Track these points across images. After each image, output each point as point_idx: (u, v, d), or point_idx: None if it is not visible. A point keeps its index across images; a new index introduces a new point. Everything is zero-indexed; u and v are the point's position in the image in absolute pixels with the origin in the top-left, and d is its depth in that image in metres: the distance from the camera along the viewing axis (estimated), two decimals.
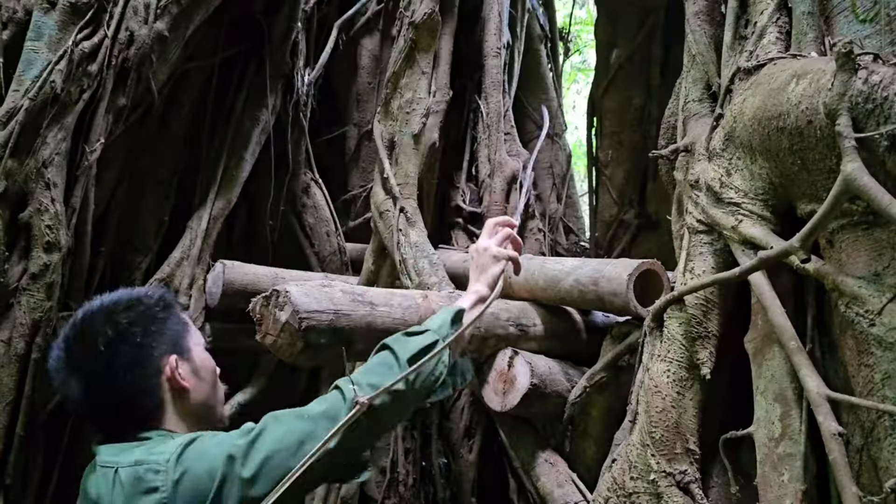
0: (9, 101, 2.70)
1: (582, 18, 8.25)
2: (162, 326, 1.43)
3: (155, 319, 1.42)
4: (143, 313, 1.41)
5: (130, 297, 1.44)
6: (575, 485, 2.14)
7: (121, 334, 1.37)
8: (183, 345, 1.46)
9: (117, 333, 1.36)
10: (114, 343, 1.35)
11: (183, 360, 1.43)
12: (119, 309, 1.40)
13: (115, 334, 1.36)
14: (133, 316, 1.40)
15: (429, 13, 3.05)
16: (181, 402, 1.41)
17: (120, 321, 1.38)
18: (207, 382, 1.48)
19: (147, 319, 1.41)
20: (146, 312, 1.42)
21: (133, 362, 1.37)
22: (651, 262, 2.09)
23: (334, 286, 1.95)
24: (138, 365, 1.37)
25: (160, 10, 3.09)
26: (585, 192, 4.46)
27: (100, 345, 1.34)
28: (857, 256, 1.39)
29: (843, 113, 1.28)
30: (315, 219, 4.12)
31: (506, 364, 2.20)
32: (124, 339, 1.37)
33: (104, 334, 1.36)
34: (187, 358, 1.45)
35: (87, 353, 1.36)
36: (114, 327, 1.37)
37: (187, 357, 1.45)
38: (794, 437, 1.43)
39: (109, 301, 1.43)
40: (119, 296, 1.44)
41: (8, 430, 2.69)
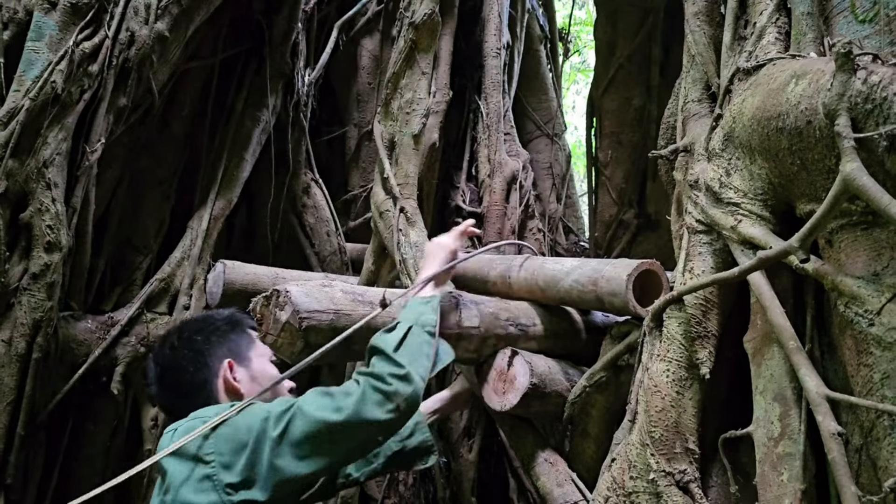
0: (9, 101, 2.70)
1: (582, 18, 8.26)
2: (223, 338, 1.70)
3: (217, 331, 1.71)
4: (207, 326, 1.72)
5: (204, 316, 1.84)
6: (575, 484, 2.14)
7: (186, 340, 1.68)
8: (243, 353, 1.71)
9: (183, 339, 1.68)
10: (179, 347, 1.67)
11: (240, 365, 1.68)
12: (191, 323, 1.78)
13: (181, 340, 1.68)
14: (198, 327, 1.72)
15: (429, 13, 3.05)
16: (235, 397, 1.62)
17: (186, 329, 1.72)
18: (261, 385, 1.67)
19: (210, 331, 1.70)
20: (210, 326, 1.72)
21: (192, 361, 1.65)
22: (650, 263, 2.09)
23: (334, 286, 1.95)
24: (197, 364, 1.64)
25: (160, 11, 3.10)
26: (585, 192, 4.46)
27: (168, 347, 1.68)
28: (856, 256, 1.39)
29: (843, 113, 1.29)
30: (315, 219, 4.12)
31: (505, 364, 2.20)
32: (188, 344, 1.67)
33: (174, 340, 1.69)
34: (245, 365, 1.69)
35: (161, 352, 1.69)
36: (181, 334, 1.70)
37: (245, 364, 1.70)
38: (793, 436, 1.43)
39: (191, 318, 1.88)
40: (199, 315, 1.85)
41: (8, 430, 2.70)
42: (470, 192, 4.18)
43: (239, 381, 1.65)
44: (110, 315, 3.25)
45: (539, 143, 4.59)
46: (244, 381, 1.67)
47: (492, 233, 3.91)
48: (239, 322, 1.77)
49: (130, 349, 3.21)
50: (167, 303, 3.40)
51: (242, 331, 1.76)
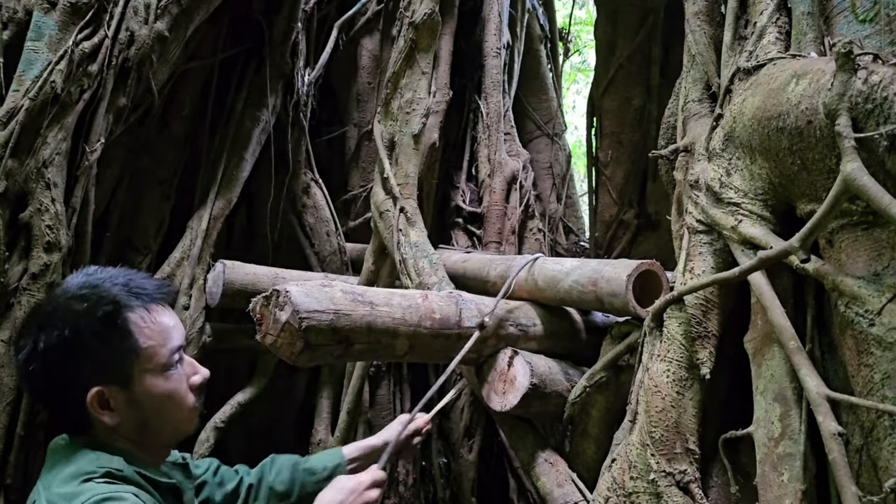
0: (9, 101, 2.70)
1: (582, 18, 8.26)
2: (93, 353, 1.29)
3: (82, 346, 1.28)
4: (66, 338, 1.27)
5: (67, 310, 1.29)
6: (575, 484, 2.14)
7: (36, 356, 1.27)
8: (124, 373, 1.31)
9: (33, 353, 1.28)
10: (29, 360, 1.28)
11: (119, 389, 1.30)
12: (46, 323, 1.29)
13: (30, 352, 1.28)
14: (53, 338, 1.27)
15: (429, 13, 3.05)
16: (110, 425, 1.31)
17: (39, 340, 1.27)
18: (151, 411, 1.34)
19: (69, 345, 1.27)
20: (72, 336, 1.27)
21: (50, 385, 1.30)
22: (650, 263, 2.09)
23: (334, 286, 1.95)
24: (55, 389, 1.30)
25: (160, 10, 3.09)
26: (585, 192, 4.46)
27: (22, 353, 1.29)
28: (856, 256, 1.39)
29: (843, 113, 1.28)
30: (315, 219, 4.12)
31: (506, 364, 2.20)
32: (40, 361, 1.28)
33: (23, 347, 1.29)
34: (126, 387, 1.31)
35: (16, 351, 1.32)
36: (32, 343, 1.28)
37: (127, 386, 1.31)
38: (793, 436, 1.43)
39: (50, 302, 1.34)
40: (64, 299, 1.31)
41: (8, 430, 2.69)
42: (470, 192, 4.18)
43: (114, 411, 1.30)
44: None
45: (539, 142, 4.59)
46: (120, 406, 1.30)
47: (492, 233, 3.92)
48: (116, 316, 1.30)
49: None
50: None
51: (122, 331, 1.31)
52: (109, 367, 1.30)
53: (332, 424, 3.40)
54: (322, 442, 3.43)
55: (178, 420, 1.40)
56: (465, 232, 4.07)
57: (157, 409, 1.35)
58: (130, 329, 1.31)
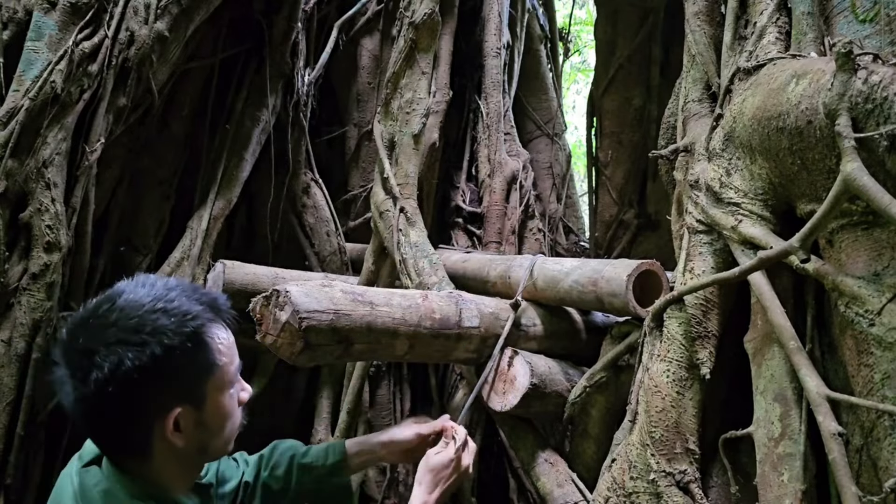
0: (9, 101, 2.70)
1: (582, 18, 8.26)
2: (178, 372, 1.20)
3: (170, 363, 1.18)
4: (157, 356, 1.16)
5: (155, 326, 1.17)
6: (575, 485, 2.14)
7: (121, 375, 1.14)
8: (199, 392, 1.24)
9: (117, 372, 1.14)
10: (110, 380, 1.14)
11: (191, 409, 1.23)
12: (133, 339, 1.15)
13: (113, 371, 1.14)
14: (144, 356, 1.15)
15: (429, 13, 3.05)
16: (173, 450, 1.24)
17: (126, 358, 1.14)
18: (213, 432, 1.29)
19: (159, 363, 1.16)
20: (163, 354, 1.16)
21: (125, 408, 1.17)
22: (650, 263, 2.09)
23: (334, 286, 1.95)
24: (130, 411, 1.18)
25: (160, 10, 3.09)
26: (585, 192, 4.46)
27: (97, 373, 1.14)
28: (856, 256, 1.39)
29: (843, 113, 1.28)
30: (315, 219, 4.12)
31: (506, 364, 2.20)
32: (124, 381, 1.14)
33: (103, 364, 1.14)
34: (199, 407, 1.24)
35: (83, 371, 1.16)
36: (116, 362, 1.14)
37: (199, 406, 1.24)
38: (793, 436, 1.43)
39: (130, 315, 1.18)
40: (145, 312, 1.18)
41: (8, 430, 2.69)
42: (470, 192, 4.18)
43: (182, 433, 1.22)
44: None
45: (539, 142, 4.59)
46: (189, 429, 1.23)
47: (492, 233, 3.91)
48: (202, 335, 1.22)
49: None
50: None
51: (207, 347, 1.24)
52: (190, 386, 1.23)
53: (332, 424, 3.40)
54: (322, 442, 3.43)
55: (228, 439, 1.35)
56: (465, 232, 4.07)
57: (219, 429, 1.30)
58: (211, 346, 1.24)
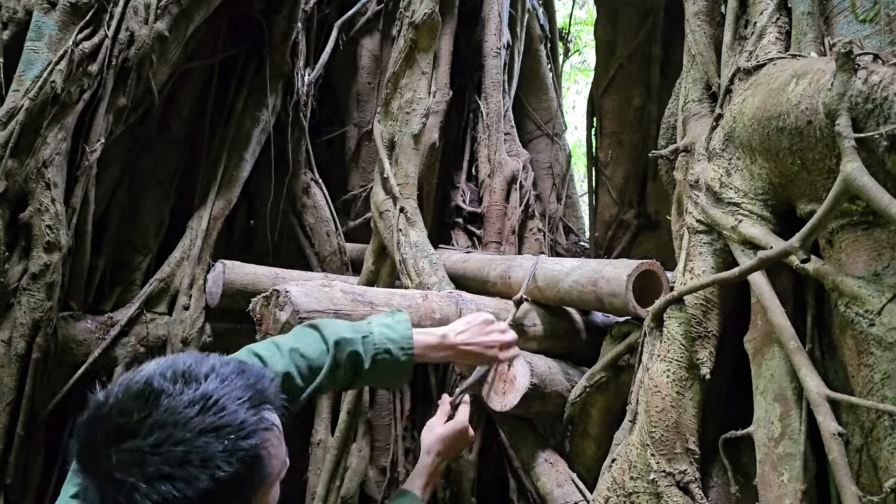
0: (9, 101, 2.70)
1: (582, 18, 8.26)
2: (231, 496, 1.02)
3: (221, 492, 0.98)
4: (207, 490, 0.96)
5: (205, 454, 0.97)
6: (575, 485, 2.14)
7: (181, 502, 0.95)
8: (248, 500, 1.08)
9: (179, 499, 0.95)
10: None
11: None
12: (178, 474, 0.96)
13: (177, 498, 0.95)
14: (191, 490, 0.95)
15: (429, 13, 3.05)
16: None
17: (171, 495, 0.95)
18: None
19: (210, 494, 0.97)
20: (214, 486, 0.97)
21: None
22: (650, 263, 2.09)
23: (334, 286, 1.95)
24: None
25: (160, 10, 3.10)
26: (585, 192, 4.47)
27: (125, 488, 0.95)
28: (856, 256, 1.39)
29: (843, 113, 1.28)
30: (315, 219, 4.12)
31: (506, 364, 2.20)
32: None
33: (139, 500, 0.94)
34: None
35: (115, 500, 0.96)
36: (162, 500, 0.94)
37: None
38: (793, 436, 1.43)
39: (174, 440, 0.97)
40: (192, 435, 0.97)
41: (8, 430, 2.69)
42: (470, 192, 4.18)
43: None
44: (110, 315, 3.25)
45: (539, 142, 4.59)
46: None
47: (492, 233, 3.91)
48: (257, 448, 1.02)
49: (130, 349, 3.21)
50: (167, 303, 3.40)
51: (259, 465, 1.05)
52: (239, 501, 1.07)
53: (332, 424, 3.39)
54: (322, 442, 3.42)
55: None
56: (465, 232, 4.07)
57: None
58: (266, 459, 1.08)
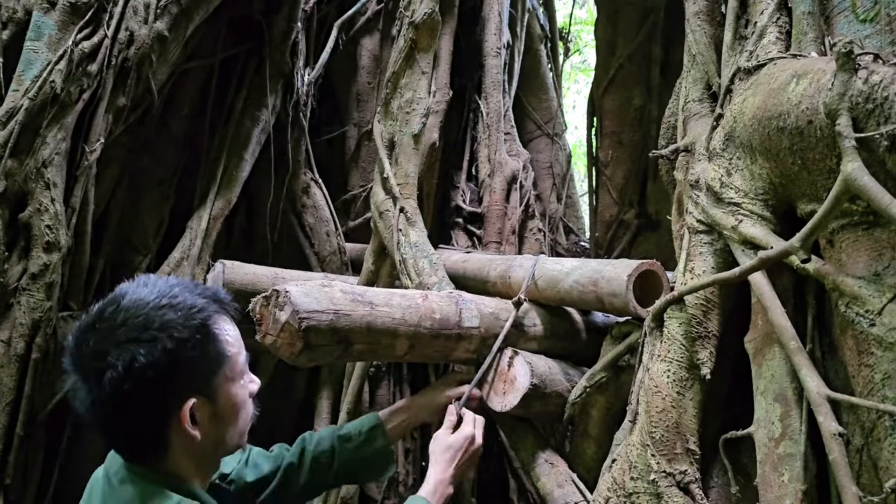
0: (9, 100, 2.70)
1: (582, 18, 8.26)
2: (190, 365, 1.23)
3: (182, 356, 1.22)
4: (169, 350, 1.19)
5: (163, 321, 1.21)
6: (575, 485, 2.13)
7: (136, 372, 1.17)
8: (212, 383, 1.28)
9: (131, 370, 1.17)
10: (125, 379, 1.17)
11: (206, 401, 1.27)
12: (143, 336, 1.19)
13: (127, 369, 1.17)
14: (157, 351, 1.19)
15: (429, 13, 3.05)
16: (190, 444, 1.27)
17: (138, 355, 1.17)
18: (227, 423, 1.32)
19: (172, 357, 1.20)
20: (175, 347, 1.20)
21: (142, 404, 1.21)
22: (650, 263, 2.09)
23: (334, 286, 1.95)
24: (147, 408, 1.22)
25: (160, 10, 3.09)
26: (585, 192, 4.46)
27: (111, 373, 1.18)
28: (857, 256, 1.39)
29: (844, 113, 1.28)
30: (315, 219, 4.12)
31: (506, 364, 2.20)
32: (139, 377, 1.17)
33: (116, 364, 1.18)
34: (212, 399, 1.28)
35: (97, 374, 1.19)
36: (129, 360, 1.17)
37: (212, 397, 1.28)
38: (794, 437, 1.43)
39: (136, 314, 1.21)
40: (151, 310, 1.21)
41: (8, 430, 2.69)
42: (470, 192, 4.18)
43: (198, 424, 1.26)
44: None
45: (539, 142, 4.59)
46: (204, 421, 1.27)
47: (492, 233, 3.91)
48: (209, 328, 1.27)
49: None
50: None
51: (217, 339, 1.29)
52: (202, 378, 1.26)
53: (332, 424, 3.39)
54: None
55: (243, 430, 1.38)
56: (465, 232, 4.07)
57: (234, 420, 1.33)
58: (219, 337, 1.29)
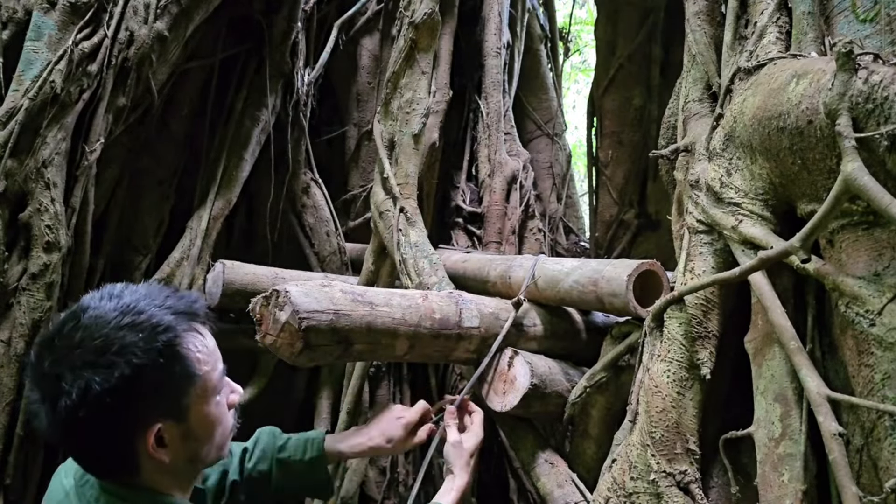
0: (9, 101, 2.70)
1: (582, 18, 8.26)
2: (153, 389, 1.15)
3: (143, 381, 1.12)
4: (127, 376, 1.10)
5: (122, 344, 1.11)
6: (575, 485, 2.14)
7: (91, 399, 1.08)
8: (180, 405, 1.20)
9: (86, 397, 1.08)
10: (79, 406, 1.09)
11: (174, 423, 1.19)
12: (99, 361, 1.10)
13: (82, 397, 1.08)
14: (113, 378, 1.09)
15: (429, 13, 3.05)
16: (160, 463, 1.20)
17: (93, 382, 1.08)
18: (202, 441, 1.26)
19: (130, 383, 1.10)
20: (133, 374, 1.10)
21: (100, 430, 1.13)
22: (650, 263, 2.09)
23: (334, 286, 1.95)
24: (107, 433, 1.14)
25: (160, 10, 3.09)
26: (585, 192, 4.46)
27: (65, 399, 1.09)
28: (857, 256, 1.39)
29: (844, 113, 1.28)
30: (315, 219, 4.12)
31: (506, 364, 2.20)
32: (94, 405, 1.09)
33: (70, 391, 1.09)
34: (181, 420, 1.20)
35: (52, 398, 1.11)
36: (84, 387, 1.08)
37: (182, 419, 1.20)
38: (794, 437, 1.43)
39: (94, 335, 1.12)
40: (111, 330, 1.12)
41: (8, 430, 2.69)
42: (470, 192, 4.18)
43: (167, 447, 1.19)
44: None
45: (539, 142, 4.59)
46: (174, 442, 1.20)
47: (492, 233, 3.91)
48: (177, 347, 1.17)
49: None
50: None
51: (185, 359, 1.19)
52: (168, 401, 1.18)
53: (332, 424, 3.39)
54: None
55: (222, 444, 1.33)
56: (465, 232, 4.07)
57: (208, 437, 1.27)
58: (187, 357, 1.19)
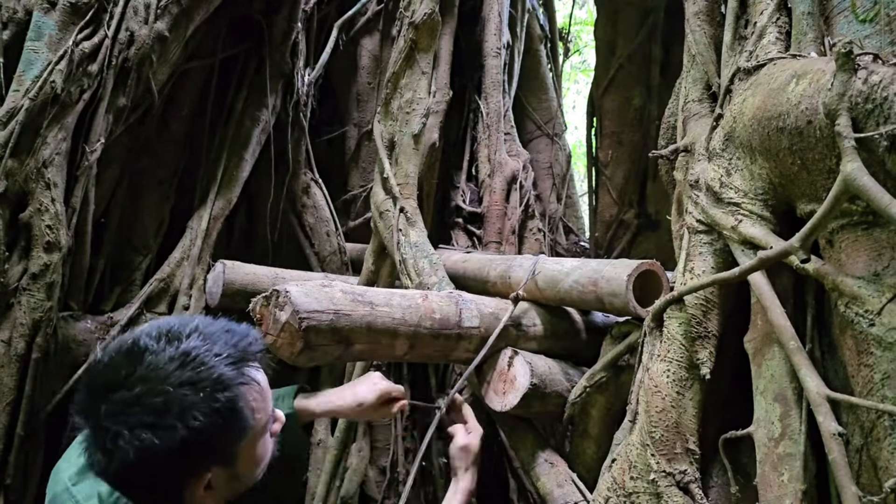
0: (9, 101, 2.70)
1: (582, 18, 8.26)
2: (209, 443, 1.14)
3: (201, 439, 1.11)
4: (185, 438, 1.09)
5: (183, 405, 1.09)
6: (575, 485, 2.14)
7: (149, 456, 1.07)
8: (230, 453, 1.21)
9: (145, 455, 1.07)
10: (136, 463, 1.08)
11: (224, 468, 1.21)
12: (160, 423, 1.08)
13: (139, 455, 1.07)
14: (173, 440, 1.08)
15: (429, 13, 3.05)
16: (205, 499, 1.21)
17: (153, 444, 1.07)
18: (246, 479, 1.28)
19: (189, 443, 1.10)
20: (193, 435, 1.09)
21: (153, 479, 1.13)
22: (650, 263, 2.09)
23: (334, 286, 1.95)
24: (162, 483, 1.15)
25: (160, 10, 3.09)
26: (585, 192, 4.46)
27: (122, 455, 1.08)
28: (856, 256, 1.39)
29: (843, 113, 1.28)
30: (315, 219, 4.12)
31: (506, 364, 2.20)
32: (151, 460, 1.08)
33: (128, 449, 1.07)
34: (231, 465, 1.22)
35: (108, 451, 1.09)
36: (143, 447, 1.07)
37: (232, 464, 1.22)
38: (793, 437, 1.43)
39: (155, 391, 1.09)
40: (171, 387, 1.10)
41: (8, 430, 2.69)
42: (470, 192, 4.18)
43: (214, 489, 1.20)
44: (110, 315, 3.25)
45: (539, 142, 4.59)
46: (220, 485, 1.21)
47: (492, 232, 3.91)
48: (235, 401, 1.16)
49: None
50: (167, 303, 3.39)
51: (237, 416, 1.17)
52: (221, 452, 1.19)
53: (332, 424, 3.39)
54: (322, 442, 3.43)
55: (260, 473, 1.34)
56: (465, 232, 4.07)
57: (252, 475, 1.30)
58: (244, 411, 1.19)
